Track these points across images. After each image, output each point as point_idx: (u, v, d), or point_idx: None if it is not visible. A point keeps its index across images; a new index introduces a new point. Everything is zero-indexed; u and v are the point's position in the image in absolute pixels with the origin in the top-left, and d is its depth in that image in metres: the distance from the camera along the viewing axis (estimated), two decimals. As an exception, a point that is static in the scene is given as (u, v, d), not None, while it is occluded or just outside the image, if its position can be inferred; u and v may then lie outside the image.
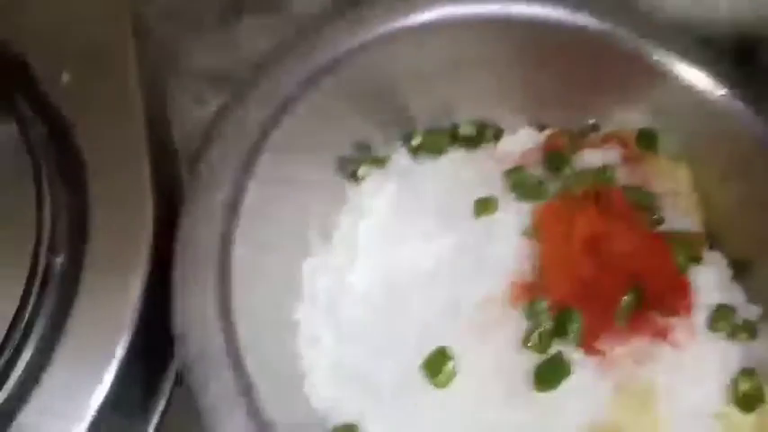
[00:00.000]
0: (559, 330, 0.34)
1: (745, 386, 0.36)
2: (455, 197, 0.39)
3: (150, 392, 0.38)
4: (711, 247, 0.42)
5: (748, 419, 0.36)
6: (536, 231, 0.37)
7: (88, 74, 0.39)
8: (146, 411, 0.38)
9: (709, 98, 0.43)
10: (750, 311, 0.40)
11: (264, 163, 0.38)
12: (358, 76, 0.42)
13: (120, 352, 0.33)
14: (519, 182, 0.38)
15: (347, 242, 0.40)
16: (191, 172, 0.39)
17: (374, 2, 0.44)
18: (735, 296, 0.40)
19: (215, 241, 0.36)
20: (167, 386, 0.39)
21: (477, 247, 0.37)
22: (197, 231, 0.36)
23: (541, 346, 0.34)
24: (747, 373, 0.36)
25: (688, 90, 0.43)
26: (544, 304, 0.35)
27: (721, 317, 0.37)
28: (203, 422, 0.32)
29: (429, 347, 0.35)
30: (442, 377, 0.34)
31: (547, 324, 0.35)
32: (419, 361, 0.35)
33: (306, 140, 0.41)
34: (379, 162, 0.44)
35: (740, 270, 0.42)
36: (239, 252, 0.36)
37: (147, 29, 0.45)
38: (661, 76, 0.43)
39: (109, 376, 0.33)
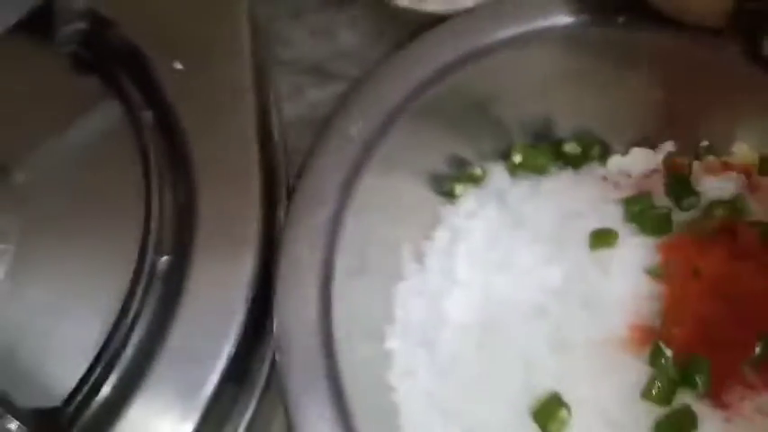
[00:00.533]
0: (686, 380, 0.31)
1: None
2: (565, 224, 0.37)
3: (243, 392, 0.36)
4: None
5: None
6: (660, 269, 0.34)
7: (201, 64, 0.38)
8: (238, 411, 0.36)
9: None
10: None
11: (365, 180, 0.36)
12: (456, 89, 0.40)
13: (225, 354, 0.31)
14: (640, 213, 0.35)
15: (443, 266, 0.38)
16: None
17: (474, 12, 0.42)
18: None
19: (316, 263, 0.34)
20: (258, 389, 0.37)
21: (590, 283, 0.34)
22: (299, 252, 0.34)
23: (665, 398, 0.31)
24: None
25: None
26: (669, 351, 0.32)
27: None
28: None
29: (535, 390, 0.33)
30: (553, 426, 0.32)
31: (672, 373, 0.32)
32: (524, 403, 0.33)
33: (405, 156, 0.39)
34: (477, 179, 0.42)
35: None
36: (339, 274, 0.34)
37: (252, 16, 0.44)
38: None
39: (214, 377, 0.31)
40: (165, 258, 0.33)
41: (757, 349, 0.32)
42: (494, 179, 0.41)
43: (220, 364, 0.31)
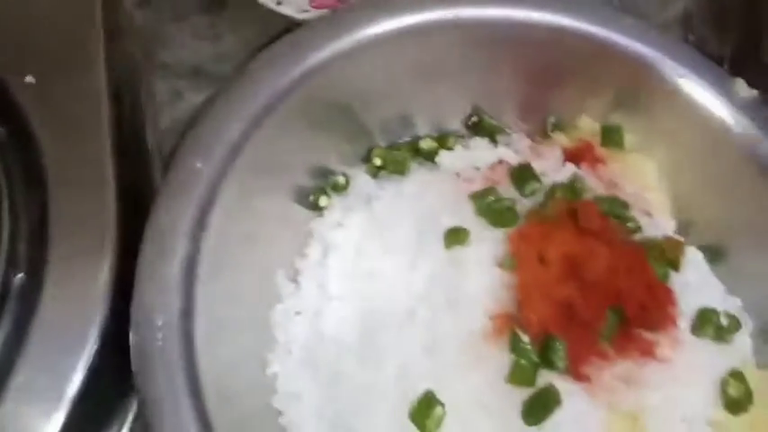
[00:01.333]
0: (545, 361, 0.33)
1: (733, 389, 0.36)
2: (423, 227, 0.38)
3: (114, 409, 0.37)
4: (684, 235, 0.41)
5: (740, 421, 0.36)
6: (510, 260, 0.35)
7: (53, 76, 0.37)
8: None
9: (672, 86, 0.41)
10: (730, 303, 0.39)
11: (224, 204, 0.36)
12: (311, 96, 0.40)
13: (78, 373, 0.32)
14: (487, 207, 0.37)
15: (317, 282, 0.39)
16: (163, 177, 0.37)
17: (325, 18, 0.42)
18: (715, 292, 0.39)
19: (174, 305, 0.33)
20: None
21: (451, 281, 0.36)
22: (155, 289, 0.33)
23: (528, 379, 0.33)
24: (735, 375, 0.36)
25: (652, 80, 0.42)
26: (526, 337, 0.34)
27: (705, 321, 0.36)
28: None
29: (412, 391, 0.34)
30: (430, 424, 0.33)
31: (531, 356, 0.34)
32: (404, 408, 0.34)
33: (264, 174, 0.39)
34: (340, 188, 0.42)
35: (714, 258, 0.41)
36: (202, 306, 0.34)
37: (124, 18, 0.44)
38: (625, 69, 0.42)
39: (64, 410, 0.31)
40: (19, 276, 0.33)
41: (609, 320, 0.34)
42: (358, 184, 0.42)
43: (76, 380, 0.32)
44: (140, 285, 0.33)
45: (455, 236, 0.36)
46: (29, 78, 0.37)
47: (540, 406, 0.33)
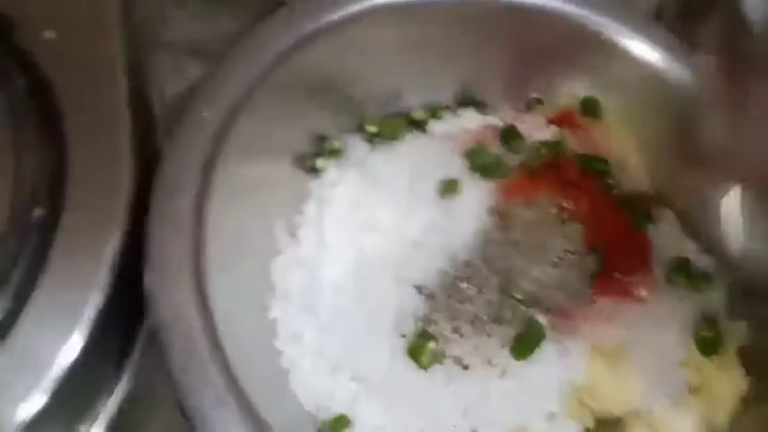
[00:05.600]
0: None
1: (705, 332, 0.38)
2: (417, 180, 0.40)
3: (122, 350, 0.38)
4: (661, 204, 0.44)
5: (711, 363, 0.38)
6: (500, 208, 0.38)
7: (72, 34, 0.39)
8: (117, 368, 0.38)
9: (648, 63, 0.44)
10: (703, 261, 0.42)
11: (226, 164, 0.38)
12: (307, 68, 0.42)
13: (91, 308, 0.33)
14: (479, 161, 0.39)
15: (314, 236, 0.41)
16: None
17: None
18: (688, 248, 0.42)
19: (186, 246, 0.35)
20: (138, 346, 0.38)
21: (444, 228, 0.38)
22: (166, 236, 0.35)
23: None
24: (708, 320, 0.39)
25: (627, 57, 0.45)
26: (514, 277, 0.36)
27: (678, 269, 0.39)
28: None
29: (408, 330, 0.36)
30: (425, 359, 0.35)
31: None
32: (400, 344, 0.36)
33: (263, 138, 0.41)
34: (336, 153, 0.44)
35: (688, 224, 0.44)
36: (211, 255, 0.36)
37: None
38: (601, 46, 0.45)
39: (81, 332, 0.33)
40: (38, 210, 0.34)
41: (588, 262, 0.37)
42: (353, 150, 0.44)
43: (89, 314, 0.33)
44: (154, 220, 0.35)
45: (448, 186, 0.39)
46: (48, 34, 0.39)
47: (527, 340, 0.35)
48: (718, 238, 0.43)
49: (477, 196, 0.39)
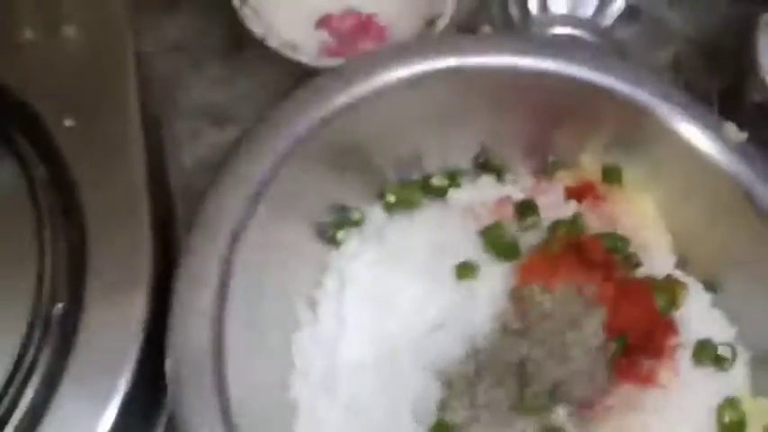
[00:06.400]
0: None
1: (728, 416, 0.38)
2: (435, 260, 0.40)
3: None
4: (683, 269, 0.44)
5: (736, 446, 0.38)
6: (518, 292, 0.38)
7: (91, 117, 0.40)
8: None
9: (668, 129, 0.44)
10: (727, 333, 0.41)
11: (250, 238, 0.38)
12: (331, 140, 0.43)
13: (116, 398, 0.34)
14: (497, 242, 0.39)
15: (334, 312, 0.41)
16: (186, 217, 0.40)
17: (341, 66, 0.45)
18: (714, 320, 0.42)
19: (207, 336, 0.36)
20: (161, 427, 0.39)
21: (462, 312, 0.38)
22: (189, 326, 0.36)
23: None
24: (730, 402, 0.38)
25: (648, 122, 0.44)
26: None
27: (703, 352, 0.38)
28: None
29: (425, 418, 0.36)
30: (443, 450, 0.35)
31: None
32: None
33: (285, 215, 0.41)
34: (356, 223, 0.44)
35: (711, 290, 0.43)
36: (231, 334, 0.36)
37: (148, 65, 0.47)
38: (625, 112, 0.44)
39: (106, 422, 0.34)
40: (59, 306, 0.35)
41: (612, 350, 0.37)
42: (372, 219, 0.44)
43: (115, 404, 0.34)
44: (175, 314, 0.35)
45: (465, 270, 0.39)
46: (68, 122, 0.39)
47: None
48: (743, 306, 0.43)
49: (494, 279, 0.38)
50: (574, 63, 0.44)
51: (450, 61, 0.44)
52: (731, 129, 0.44)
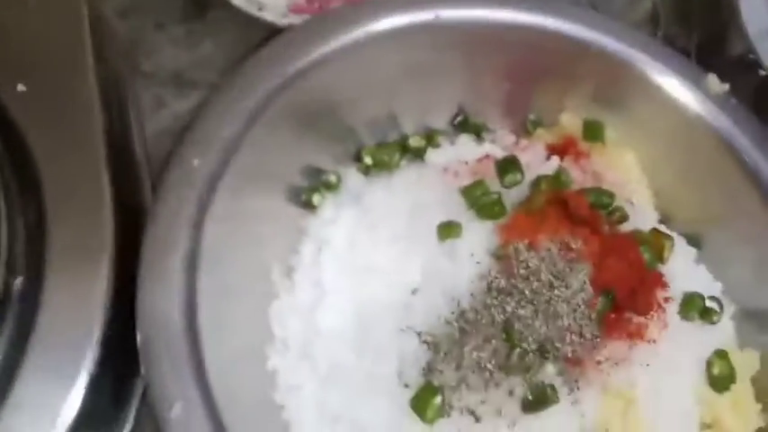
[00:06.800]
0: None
1: (717, 369, 0.37)
2: (415, 220, 0.39)
3: (117, 410, 0.37)
4: (666, 225, 0.43)
5: (724, 399, 0.37)
6: (501, 250, 0.36)
7: (44, 84, 0.38)
8: (117, 417, 0.37)
9: (648, 82, 0.43)
10: (713, 288, 0.41)
11: (217, 211, 0.37)
12: (301, 100, 0.41)
13: (84, 372, 0.32)
14: (478, 200, 0.38)
15: (311, 279, 0.39)
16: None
17: (310, 22, 0.43)
18: (699, 276, 0.41)
19: (178, 302, 0.34)
20: (134, 404, 0.38)
21: (445, 273, 0.37)
22: (157, 294, 0.34)
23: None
24: (719, 355, 0.38)
25: (628, 76, 0.43)
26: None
27: (691, 305, 0.38)
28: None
29: (411, 381, 0.35)
30: (430, 413, 0.34)
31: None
32: (403, 395, 0.35)
33: (256, 177, 0.40)
34: (332, 186, 0.43)
35: (695, 245, 0.43)
36: (204, 309, 0.35)
37: (107, 28, 0.44)
38: (601, 66, 0.43)
39: (75, 396, 0.32)
40: (19, 279, 0.33)
41: (598, 305, 0.36)
42: (349, 182, 0.43)
43: (81, 383, 0.32)
44: (144, 282, 0.33)
45: (448, 229, 0.37)
46: (20, 87, 0.37)
47: (538, 402, 0.34)
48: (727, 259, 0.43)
49: (477, 238, 0.37)
50: (551, 16, 0.43)
51: (426, 15, 0.42)
52: (713, 80, 0.43)
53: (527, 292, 0.35)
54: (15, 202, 0.35)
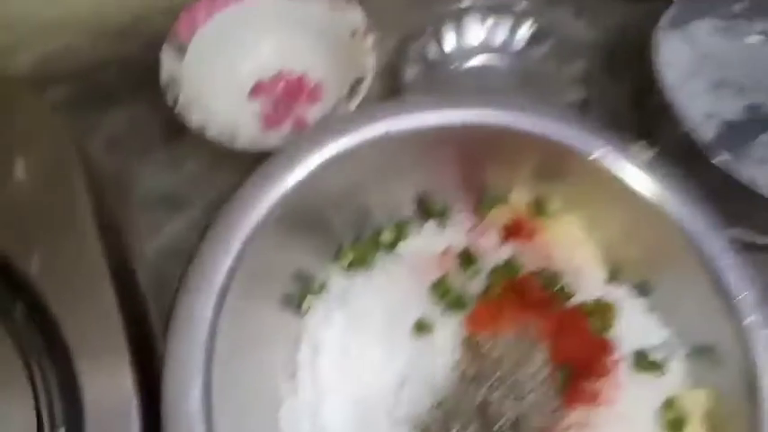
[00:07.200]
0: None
1: (669, 415, 0.43)
2: (393, 319, 0.44)
3: None
4: (616, 278, 0.48)
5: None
6: (469, 342, 0.42)
7: (55, 248, 0.42)
8: None
9: (583, 156, 0.48)
10: (662, 335, 0.46)
11: (223, 347, 0.41)
12: (288, 214, 0.45)
13: None
14: (445, 296, 0.44)
15: (312, 380, 0.45)
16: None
17: (293, 144, 0.48)
18: (648, 325, 0.46)
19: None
20: None
21: (424, 366, 0.42)
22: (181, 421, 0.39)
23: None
24: (669, 402, 0.43)
25: (568, 152, 0.48)
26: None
27: (640, 362, 0.43)
28: None
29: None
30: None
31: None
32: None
33: (254, 297, 0.44)
34: (318, 290, 0.48)
35: (644, 291, 0.48)
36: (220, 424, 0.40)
37: (94, 164, 0.48)
38: (539, 148, 0.48)
39: None
40: (61, 430, 0.38)
41: (559, 379, 0.41)
42: (333, 285, 0.48)
43: None
44: (167, 419, 0.39)
45: (421, 327, 0.43)
46: (35, 257, 0.42)
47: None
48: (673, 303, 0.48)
49: (449, 331, 0.43)
50: (490, 111, 0.48)
51: (378, 129, 0.48)
52: (638, 148, 0.48)
53: (495, 378, 0.41)
54: (45, 362, 0.40)
